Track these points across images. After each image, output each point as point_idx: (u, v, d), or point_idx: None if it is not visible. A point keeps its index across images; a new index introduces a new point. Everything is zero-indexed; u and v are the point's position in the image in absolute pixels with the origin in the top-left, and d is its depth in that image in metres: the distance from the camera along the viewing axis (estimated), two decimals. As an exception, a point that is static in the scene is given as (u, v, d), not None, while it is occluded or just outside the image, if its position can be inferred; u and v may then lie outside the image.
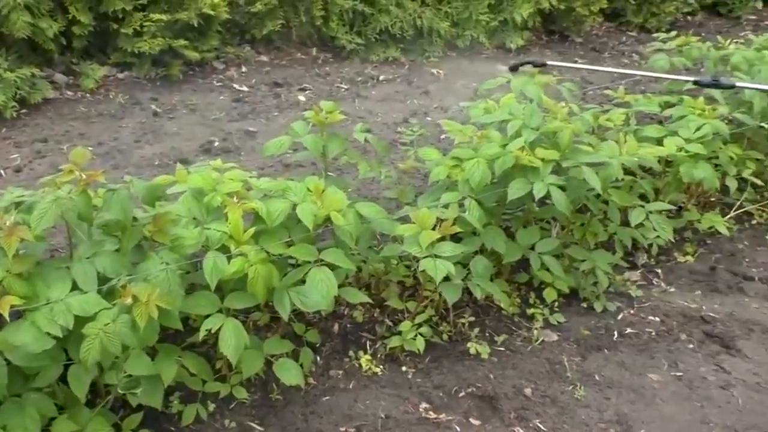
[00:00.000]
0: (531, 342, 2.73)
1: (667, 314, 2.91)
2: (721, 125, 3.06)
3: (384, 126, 4.54)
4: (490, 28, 5.92)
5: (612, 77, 5.45)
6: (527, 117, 2.73)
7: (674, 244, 3.42)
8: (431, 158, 2.72)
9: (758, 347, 2.73)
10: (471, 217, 2.49)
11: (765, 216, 3.67)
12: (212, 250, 2.12)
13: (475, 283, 2.56)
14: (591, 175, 2.52)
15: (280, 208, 2.29)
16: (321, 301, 2.26)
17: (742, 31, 6.30)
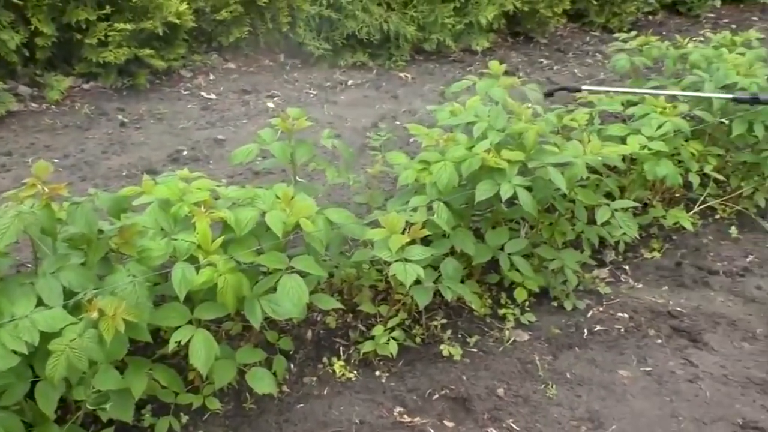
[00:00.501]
0: (503, 342, 2.76)
1: (636, 310, 2.96)
2: (681, 122, 3.12)
3: (353, 131, 4.55)
4: (455, 31, 5.95)
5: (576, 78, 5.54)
6: (492, 119, 2.76)
7: (641, 241, 3.48)
8: (399, 162, 2.74)
9: (724, 340, 2.79)
10: (439, 219, 2.51)
11: (728, 210, 3.75)
12: (180, 261, 2.11)
13: (446, 285, 2.58)
14: (556, 175, 2.56)
15: (248, 217, 2.28)
16: (292, 309, 2.26)
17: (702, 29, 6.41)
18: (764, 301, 3.03)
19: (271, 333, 2.63)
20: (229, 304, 2.11)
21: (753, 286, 3.15)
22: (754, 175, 3.75)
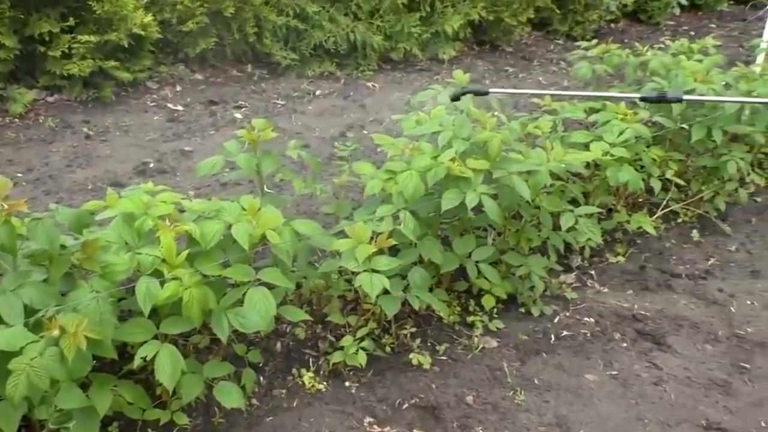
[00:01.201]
0: (472, 349, 2.78)
1: (601, 314, 3.00)
2: (642, 129, 3.19)
3: (321, 140, 4.55)
4: (422, 40, 6.00)
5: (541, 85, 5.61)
6: (457, 128, 2.79)
7: (606, 245, 3.54)
8: (365, 172, 2.75)
9: (687, 342, 2.85)
10: (406, 229, 2.52)
11: (690, 214, 3.83)
12: (145, 276, 2.09)
13: (414, 294, 2.59)
14: (520, 183, 2.59)
15: (214, 230, 2.27)
16: (260, 322, 2.25)
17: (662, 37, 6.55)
18: (725, 303, 3.10)
19: (239, 346, 2.61)
20: (194, 318, 2.10)
21: (714, 288, 3.21)
22: (714, 179, 3.84)
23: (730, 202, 3.91)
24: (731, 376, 2.66)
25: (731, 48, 6.76)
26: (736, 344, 2.84)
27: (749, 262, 3.46)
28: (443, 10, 6.08)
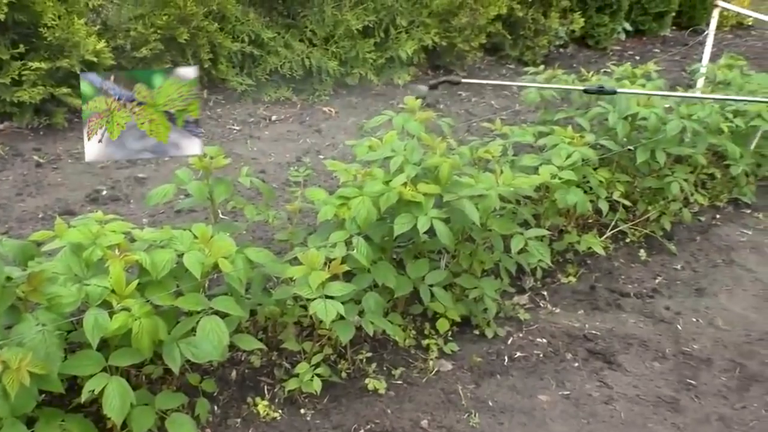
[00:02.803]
0: (427, 373, 2.80)
1: (554, 335, 3.06)
2: (589, 152, 3.28)
3: (277, 166, 4.56)
4: (377, 65, 6.08)
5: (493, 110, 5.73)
6: (408, 153, 2.83)
7: (558, 266, 3.61)
8: (318, 198, 2.76)
9: (636, 360, 2.92)
10: (359, 254, 2.54)
11: (637, 234, 3.93)
12: (93, 307, 2.06)
13: (368, 320, 2.61)
14: (470, 208, 2.64)
15: (165, 259, 2.26)
16: (212, 352, 2.24)
17: (609, 61, 6.75)
18: (672, 321, 3.19)
19: (193, 375, 2.58)
20: (144, 349, 2.08)
21: (662, 306, 3.31)
22: (659, 199, 3.96)
23: (675, 222, 4.03)
24: (678, 393, 2.73)
25: (674, 72, 7.02)
26: (683, 361, 2.92)
27: (694, 280, 3.57)
28: (397, 35, 6.18)
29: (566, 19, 7.56)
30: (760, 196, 4.57)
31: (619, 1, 7.85)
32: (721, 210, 4.41)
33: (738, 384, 2.80)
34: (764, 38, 9.22)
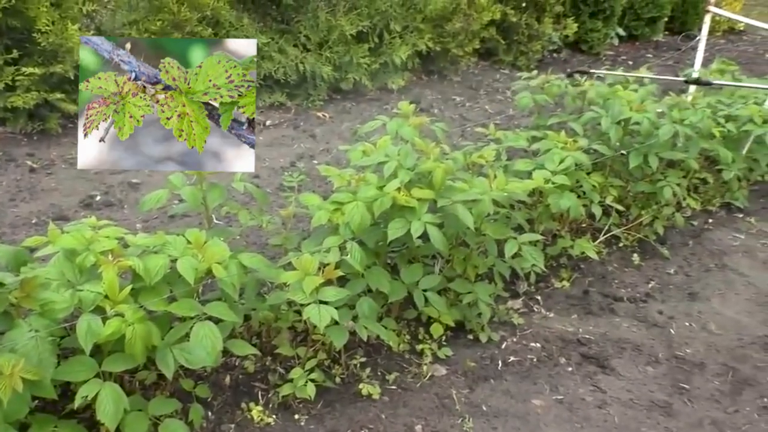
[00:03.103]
0: (421, 378, 2.80)
1: (547, 339, 3.06)
2: (582, 156, 3.29)
3: (271, 171, 4.56)
4: (371, 70, 6.10)
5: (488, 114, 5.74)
6: (402, 158, 2.84)
7: (552, 270, 3.62)
8: (312, 203, 2.76)
9: (629, 364, 2.92)
10: (353, 259, 2.54)
11: (630, 238, 3.95)
12: (86, 313, 2.06)
13: (362, 324, 2.61)
14: (464, 213, 2.65)
15: (158, 264, 2.26)
16: (206, 358, 2.23)
17: (602, 66, 6.80)
18: (665, 326, 3.20)
19: (186, 381, 2.57)
20: (137, 355, 2.07)
21: (655, 310, 3.32)
22: (652, 204, 3.97)
23: (668, 226, 4.05)
24: (671, 397, 2.74)
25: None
26: (676, 365, 2.93)
27: (687, 285, 3.58)
28: (391, 41, 6.20)
29: (559, 24, 7.59)
30: (752, 201, 4.60)
31: (612, 7, 7.90)
32: (713, 214, 4.43)
33: (731, 388, 2.81)
34: (756, 43, 9.29)
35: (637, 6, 8.51)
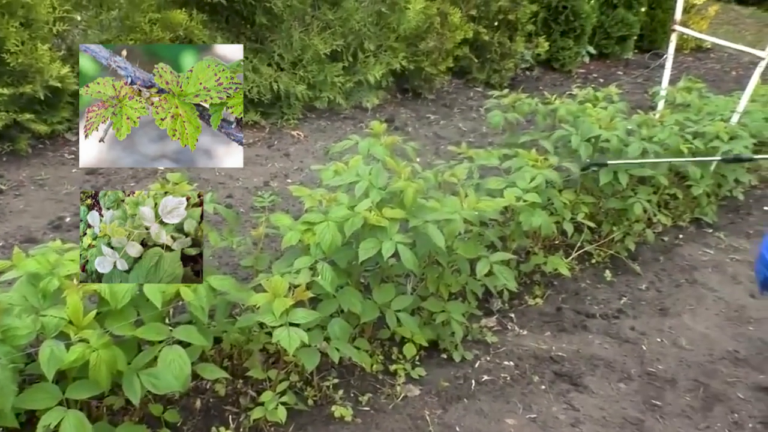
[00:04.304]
0: (394, 399, 2.78)
1: (521, 357, 3.06)
2: (553, 174, 3.31)
3: (245, 190, 4.54)
4: (346, 89, 6.11)
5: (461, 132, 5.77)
6: (373, 178, 2.84)
7: (525, 288, 3.63)
8: (283, 224, 2.75)
9: (602, 382, 2.93)
10: (323, 280, 2.53)
11: (602, 255, 3.98)
12: (49, 339, 2.01)
13: (333, 346, 2.58)
14: (435, 232, 2.65)
15: (125, 288, 2.21)
16: (174, 383, 2.19)
17: (573, 84, 6.89)
18: (636, 342, 3.22)
19: (155, 406, 2.53)
20: (102, 381, 2.03)
21: (627, 327, 3.34)
22: (623, 220, 4.01)
23: (639, 242, 4.09)
24: (644, 414, 2.75)
25: (637, 94, 7.17)
26: (648, 382, 2.95)
27: (658, 300, 3.61)
28: (365, 59, 6.23)
29: (531, 42, 7.69)
30: (721, 216, 4.67)
31: (583, 26, 8.02)
32: (683, 230, 4.49)
33: (702, 404, 2.83)
34: (722, 60, 9.48)
35: (607, 25, 8.65)
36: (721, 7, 11.31)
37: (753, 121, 4.57)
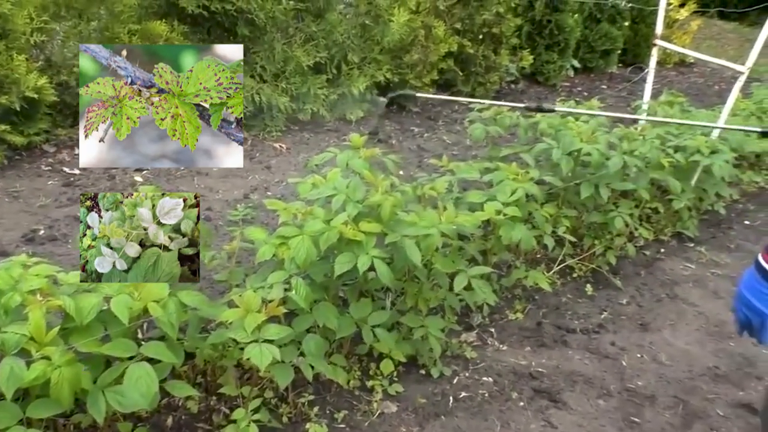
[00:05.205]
0: (371, 416, 2.72)
1: (500, 373, 3.02)
2: (533, 188, 3.29)
3: (224, 203, 4.48)
4: (329, 101, 6.09)
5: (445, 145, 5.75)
6: (351, 191, 2.80)
7: (506, 302, 3.59)
8: (258, 238, 2.70)
9: (581, 398, 2.89)
10: (297, 296, 2.48)
11: (584, 269, 3.95)
12: (9, 356, 1.95)
13: (308, 363, 2.53)
14: (411, 247, 2.61)
15: (91, 304, 2.16)
16: (140, 400, 2.13)
17: (558, 97, 6.91)
18: (616, 357, 3.19)
19: (124, 424, 2.46)
20: (64, 400, 1.97)
21: (607, 342, 3.30)
22: (605, 234, 3.99)
23: (620, 256, 4.07)
24: (623, 431, 2.71)
25: (621, 107, 7.19)
26: (627, 398, 2.91)
27: (639, 315, 3.59)
28: (349, 72, 6.21)
29: (516, 56, 7.71)
30: (702, 230, 4.67)
31: (567, 40, 8.06)
32: (665, 244, 4.47)
33: (681, 421, 2.79)
34: (705, 75, 9.55)
35: (591, 39, 8.70)
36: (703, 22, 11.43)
37: (733, 135, 4.58)
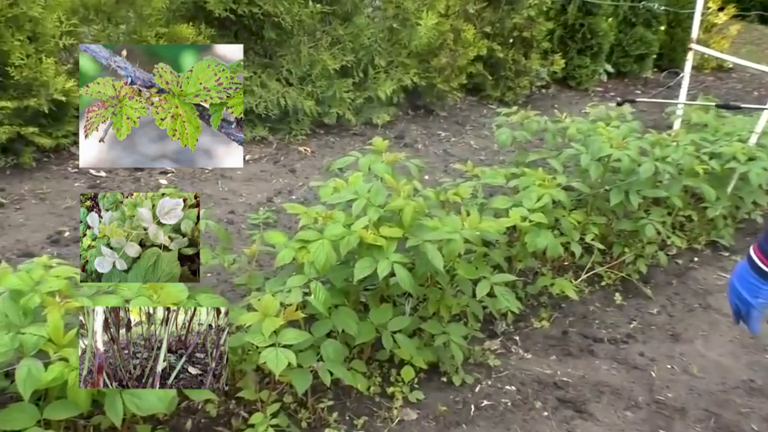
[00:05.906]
0: (390, 423, 2.68)
1: (523, 382, 2.95)
2: (560, 194, 3.22)
3: (248, 206, 4.48)
4: (355, 105, 6.06)
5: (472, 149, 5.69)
6: (372, 195, 2.76)
7: (531, 310, 3.52)
8: (277, 242, 2.68)
9: (608, 409, 2.80)
10: (315, 300, 2.45)
11: (613, 277, 3.85)
12: (27, 357, 1.95)
13: (326, 368, 2.50)
14: (434, 252, 2.56)
15: (111, 305, 2.15)
16: (158, 404, 2.11)
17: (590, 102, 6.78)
18: (645, 368, 3.09)
19: (143, 427, 2.46)
20: (81, 402, 1.96)
21: (636, 352, 3.21)
22: (635, 241, 3.89)
23: (651, 265, 3.96)
24: (651, 444, 2.63)
25: (655, 113, 7.04)
26: (656, 410, 2.82)
27: (670, 325, 3.48)
28: (376, 75, 6.18)
29: (547, 60, 7.61)
30: (738, 239, 4.53)
31: (600, 44, 7.93)
32: (699, 252, 4.35)
33: (713, 435, 2.70)
34: (744, 81, 9.32)
35: (625, 43, 8.56)
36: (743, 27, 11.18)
37: (772, 141, 4.44)
